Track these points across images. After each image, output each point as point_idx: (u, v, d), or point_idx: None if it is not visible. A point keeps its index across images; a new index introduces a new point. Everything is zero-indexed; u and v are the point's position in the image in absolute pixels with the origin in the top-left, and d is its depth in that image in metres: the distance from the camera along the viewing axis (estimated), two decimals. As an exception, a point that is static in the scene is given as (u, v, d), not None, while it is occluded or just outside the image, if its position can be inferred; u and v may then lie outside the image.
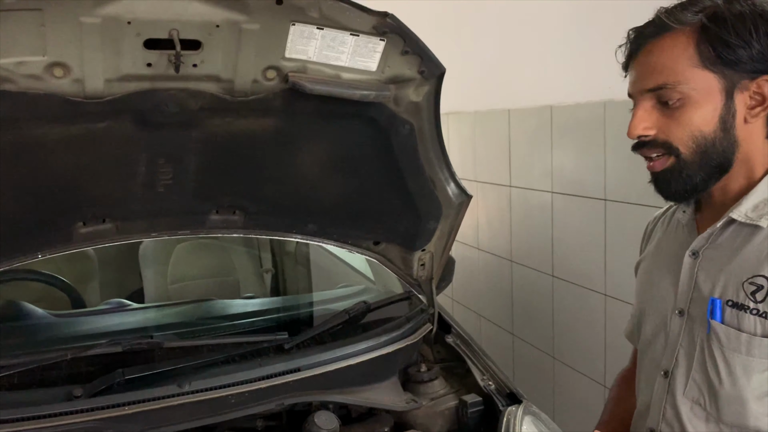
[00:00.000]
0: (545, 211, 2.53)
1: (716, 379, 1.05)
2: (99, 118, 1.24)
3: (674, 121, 1.01)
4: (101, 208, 1.44)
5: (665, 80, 1.00)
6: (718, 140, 1.01)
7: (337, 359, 1.56)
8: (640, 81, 1.04)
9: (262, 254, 2.81)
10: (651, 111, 1.03)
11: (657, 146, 1.04)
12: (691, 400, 1.10)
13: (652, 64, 1.02)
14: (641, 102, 1.04)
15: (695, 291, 1.09)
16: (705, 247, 1.09)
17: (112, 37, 1.12)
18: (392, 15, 1.23)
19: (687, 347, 1.11)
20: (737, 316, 1.02)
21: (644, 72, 1.04)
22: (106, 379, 1.37)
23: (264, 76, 1.27)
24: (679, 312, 1.12)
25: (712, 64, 0.99)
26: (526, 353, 2.79)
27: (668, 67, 1.00)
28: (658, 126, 1.03)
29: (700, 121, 1.00)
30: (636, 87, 1.06)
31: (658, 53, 1.02)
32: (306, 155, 1.51)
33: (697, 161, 1.02)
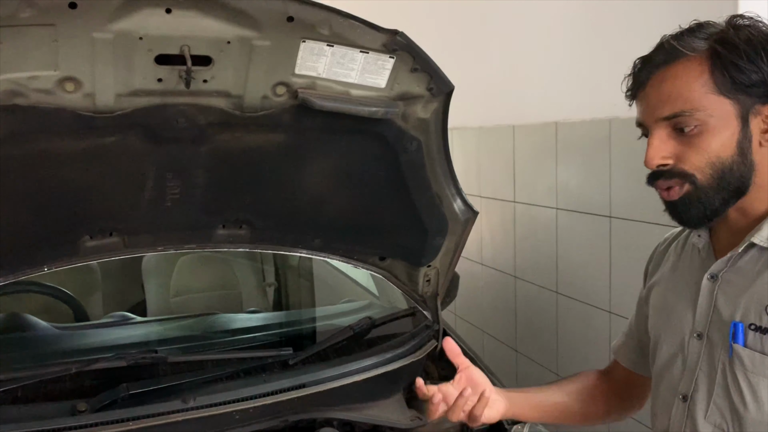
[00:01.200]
0: (549, 227, 2.53)
1: (740, 404, 1.04)
2: (109, 132, 1.24)
3: (692, 148, 1.01)
4: (108, 222, 1.44)
5: (682, 108, 1.00)
6: (735, 165, 1.01)
7: (341, 376, 1.56)
8: (655, 109, 1.03)
9: (265, 268, 2.81)
10: (667, 140, 1.02)
11: (674, 176, 1.03)
12: (713, 425, 1.08)
13: (667, 91, 1.01)
14: (656, 131, 1.03)
15: (714, 314, 1.09)
16: (724, 271, 1.08)
17: (124, 53, 1.12)
18: (402, 33, 1.24)
19: (707, 371, 1.10)
20: (761, 340, 1.01)
21: (658, 100, 1.03)
22: (110, 394, 1.37)
23: (274, 92, 1.27)
24: (698, 335, 1.11)
25: (727, 91, 0.99)
26: (529, 369, 2.78)
27: (683, 94, 1.00)
28: (675, 154, 1.02)
29: (719, 147, 1.00)
30: (650, 116, 1.04)
31: (672, 81, 1.01)
32: (314, 171, 1.51)
33: (714, 186, 1.02)
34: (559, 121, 2.42)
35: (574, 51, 2.31)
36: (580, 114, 2.30)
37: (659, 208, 1.96)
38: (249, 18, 1.14)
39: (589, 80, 2.25)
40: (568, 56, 2.35)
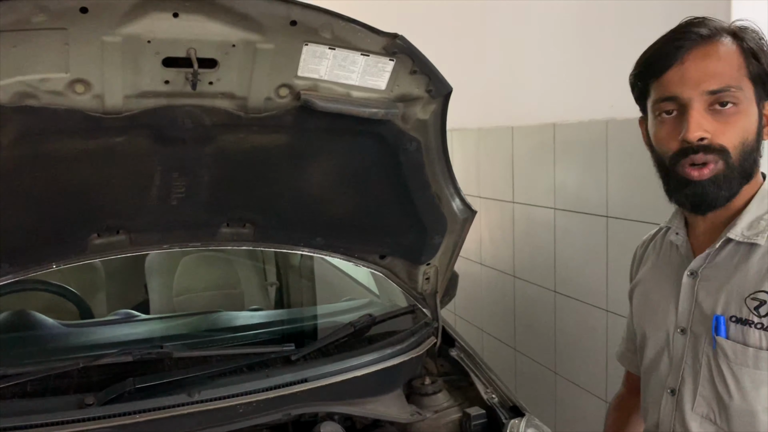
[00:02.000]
0: (548, 227, 2.56)
1: (725, 394, 1.07)
2: (117, 132, 1.28)
3: (729, 125, 1.02)
4: (115, 220, 1.47)
5: (728, 83, 1.01)
6: (754, 149, 1.05)
7: (342, 371, 1.58)
8: (699, 83, 1.03)
9: (267, 267, 2.84)
10: (704, 114, 1.03)
11: (712, 151, 1.03)
12: (701, 416, 1.12)
13: (712, 67, 1.02)
14: (696, 104, 1.03)
15: (696, 309, 1.12)
16: (703, 267, 1.12)
17: (132, 56, 1.16)
18: (401, 36, 1.28)
19: (692, 364, 1.13)
20: (742, 331, 1.04)
21: (704, 73, 1.02)
22: (117, 388, 1.39)
23: (277, 94, 1.31)
24: (681, 330, 1.15)
25: (753, 78, 1.03)
26: (528, 368, 2.81)
27: (727, 72, 1.02)
28: (713, 130, 1.03)
29: (748, 127, 1.04)
30: (692, 88, 1.03)
31: (716, 57, 1.03)
32: (316, 170, 1.54)
33: (739, 167, 1.04)
34: (557, 122, 2.45)
35: (572, 53, 2.35)
36: (577, 115, 2.33)
37: (655, 208, 2.00)
38: (253, 22, 1.18)
39: (586, 82, 2.29)
40: (566, 58, 2.38)
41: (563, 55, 2.39)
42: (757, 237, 1.05)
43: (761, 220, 1.06)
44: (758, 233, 1.05)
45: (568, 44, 2.36)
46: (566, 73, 2.39)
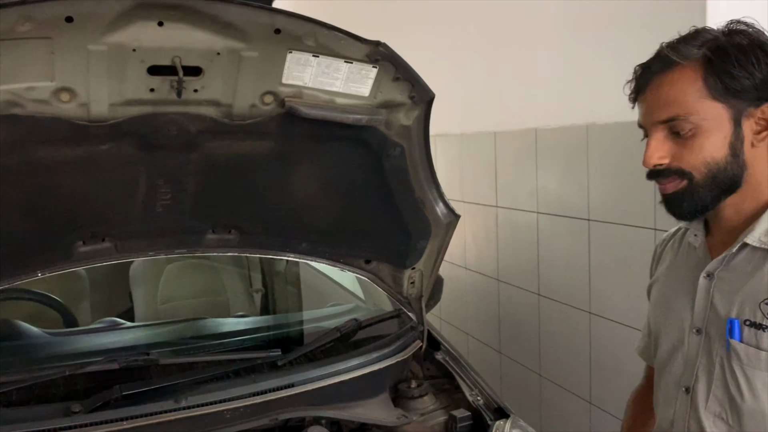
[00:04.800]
0: (531, 230, 2.59)
1: (738, 395, 1.09)
2: (102, 140, 1.28)
3: (687, 149, 1.06)
4: (101, 228, 1.47)
5: (677, 112, 1.05)
6: (729, 165, 1.07)
7: (329, 375, 1.60)
8: (652, 113, 1.09)
9: (252, 274, 2.84)
10: (664, 141, 1.08)
11: (671, 174, 1.09)
12: (713, 414, 1.14)
13: (663, 97, 1.07)
14: (654, 133, 1.09)
15: (711, 311, 1.14)
16: (719, 269, 1.13)
17: (118, 64, 1.17)
18: (384, 44, 1.30)
19: (706, 364, 1.15)
20: (756, 335, 1.06)
21: (655, 105, 1.08)
22: (104, 395, 1.39)
23: (262, 101, 1.32)
24: (696, 330, 1.16)
25: (719, 95, 1.04)
26: (513, 371, 2.84)
27: (678, 99, 1.06)
28: (671, 154, 1.08)
29: (712, 148, 1.06)
30: (648, 119, 1.10)
31: (668, 87, 1.07)
32: (301, 176, 1.56)
33: (708, 184, 1.07)
34: (539, 127, 2.48)
35: (552, 59, 2.38)
36: (558, 120, 2.37)
37: (635, 211, 2.04)
38: (238, 30, 1.19)
39: (567, 88, 2.32)
40: (547, 64, 2.41)
41: (544, 61, 2.43)
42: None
43: None
44: None
45: (549, 50, 2.40)
46: (547, 79, 2.42)
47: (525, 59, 2.54)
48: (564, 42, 2.31)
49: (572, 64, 2.28)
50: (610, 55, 2.11)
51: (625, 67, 2.02)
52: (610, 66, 2.11)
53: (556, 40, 2.35)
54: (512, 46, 2.61)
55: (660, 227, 1.95)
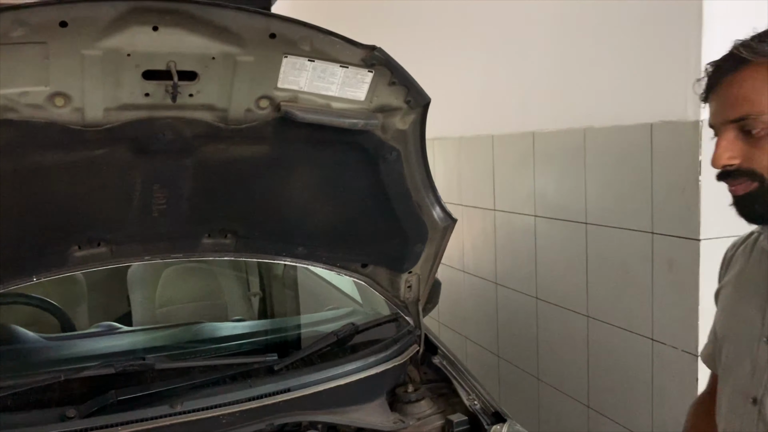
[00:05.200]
0: (528, 234, 2.59)
1: None
2: (97, 145, 1.28)
3: (759, 150, 1.02)
4: (96, 232, 1.47)
5: (748, 111, 1.02)
6: None
7: (325, 380, 1.60)
8: (723, 112, 1.06)
9: (250, 278, 2.83)
10: (734, 141, 1.04)
11: (741, 174, 1.05)
12: None
13: (734, 95, 1.04)
14: (724, 132, 1.05)
15: None
16: None
17: (112, 69, 1.17)
18: (380, 48, 1.30)
19: None
20: None
21: (726, 103, 1.05)
22: (99, 400, 1.39)
23: (257, 105, 1.32)
24: (767, 340, 1.12)
25: None
26: (511, 374, 2.83)
27: (750, 98, 1.02)
28: (742, 155, 1.04)
29: None
30: (718, 118, 1.07)
31: (740, 85, 1.03)
32: (297, 181, 1.55)
33: None
34: (536, 130, 2.48)
35: (550, 63, 2.38)
36: (556, 124, 2.37)
37: (632, 214, 2.04)
38: (233, 35, 1.19)
39: (564, 92, 2.32)
40: (544, 68, 2.42)
41: (541, 64, 2.43)
42: None
43: None
44: None
45: (546, 53, 2.40)
46: (544, 82, 2.42)
47: (522, 62, 2.54)
48: (561, 45, 2.31)
49: (569, 67, 2.28)
50: (607, 59, 2.11)
51: (622, 70, 2.04)
52: (607, 69, 2.12)
53: (553, 43, 2.35)
54: (509, 50, 2.61)
55: (658, 231, 1.95)
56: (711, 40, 1.77)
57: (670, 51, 1.88)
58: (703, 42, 1.77)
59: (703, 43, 1.77)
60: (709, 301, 1.82)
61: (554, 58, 2.36)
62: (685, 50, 1.82)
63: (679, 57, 1.84)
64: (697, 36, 1.78)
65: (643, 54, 1.96)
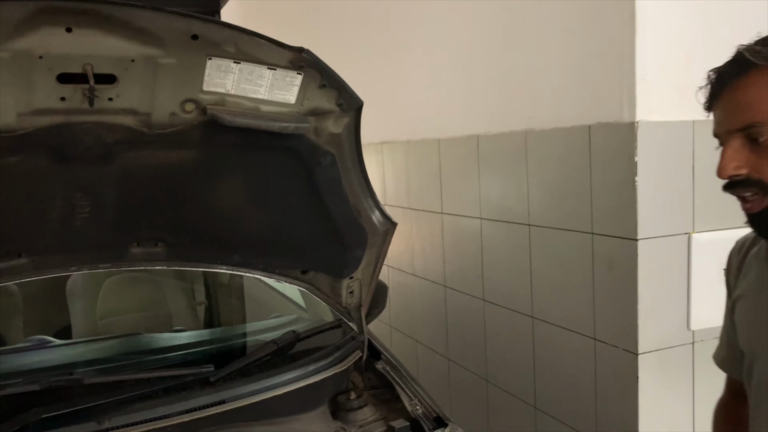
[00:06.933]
0: (475, 236, 2.60)
1: None
2: (11, 152, 1.22)
3: (765, 158, 0.98)
4: (16, 243, 1.41)
5: (754, 119, 0.97)
6: None
7: (263, 390, 1.56)
8: (728, 120, 1.01)
9: (195, 287, 2.77)
10: (740, 150, 0.99)
11: (750, 185, 1.00)
12: None
13: (739, 102, 0.99)
14: (730, 141, 1.00)
15: None
16: None
17: (24, 72, 1.11)
18: (308, 50, 1.27)
19: None
20: None
21: (731, 111, 1.00)
22: (20, 419, 1.33)
23: (182, 109, 1.28)
24: None
25: None
26: (460, 377, 2.83)
27: (756, 104, 0.97)
28: (749, 164, 0.99)
29: None
30: (723, 127, 1.02)
31: (744, 92, 0.99)
32: (228, 186, 1.52)
33: None
34: (480, 134, 2.49)
35: (492, 66, 2.39)
36: (498, 127, 2.38)
37: (572, 215, 2.05)
38: (152, 36, 1.15)
39: (505, 94, 2.34)
40: (487, 71, 2.43)
41: (484, 68, 2.44)
42: None
43: None
44: None
45: (488, 57, 2.41)
46: (487, 86, 2.43)
47: (466, 66, 2.55)
48: (502, 49, 2.32)
49: (510, 70, 2.30)
50: (546, 62, 2.12)
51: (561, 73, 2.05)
52: (546, 72, 2.13)
53: (495, 47, 2.37)
54: (453, 53, 2.62)
55: (597, 231, 1.97)
56: (644, 41, 1.80)
57: (606, 53, 1.90)
58: (637, 43, 1.80)
59: (636, 44, 1.80)
60: (648, 300, 1.86)
61: (496, 62, 2.37)
62: (619, 52, 1.85)
63: (613, 59, 1.87)
64: (631, 38, 1.81)
65: (580, 57, 1.98)
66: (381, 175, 3.33)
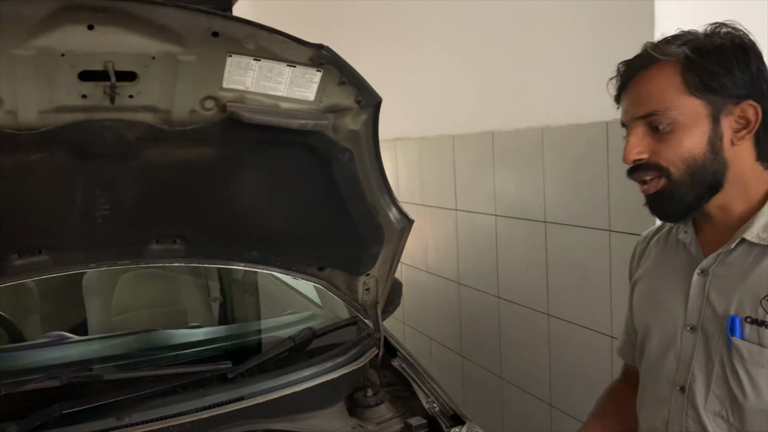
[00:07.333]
0: (489, 233, 2.59)
1: (740, 393, 1.08)
2: (33, 149, 1.23)
3: (665, 144, 1.07)
4: (37, 240, 1.42)
5: (655, 107, 1.07)
6: (708, 162, 1.07)
7: (281, 387, 1.56)
8: (632, 109, 1.10)
9: (210, 283, 2.78)
10: (643, 137, 1.09)
11: (650, 168, 1.09)
12: (713, 413, 1.12)
13: (643, 93, 1.09)
14: (633, 129, 1.10)
15: (707, 308, 1.13)
16: (714, 266, 1.13)
17: (46, 69, 1.12)
18: (327, 47, 1.27)
19: (704, 362, 1.13)
20: (758, 332, 1.05)
21: (635, 101, 1.10)
22: (41, 415, 1.34)
23: (202, 106, 1.28)
24: (690, 328, 1.15)
25: (698, 91, 1.05)
26: (475, 374, 2.83)
27: (657, 95, 1.07)
28: (650, 150, 1.08)
29: (690, 144, 1.06)
30: (628, 115, 1.11)
31: (647, 83, 1.09)
32: (247, 183, 1.52)
33: (687, 182, 1.08)
34: (496, 130, 2.48)
35: (508, 62, 2.38)
36: (514, 123, 2.37)
37: (590, 213, 2.04)
38: (173, 33, 1.15)
39: (522, 91, 2.32)
40: (503, 67, 2.41)
41: (500, 64, 2.43)
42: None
43: None
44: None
45: (504, 53, 2.40)
46: (503, 82, 2.42)
47: (481, 62, 2.54)
48: (519, 45, 2.31)
49: (527, 66, 2.28)
50: (564, 58, 2.11)
51: (578, 70, 2.04)
52: (564, 68, 2.12)
53: (511, 43, 2.35)
54: (469, 50, 2.61)
55: (615, 228, 1.96)
56: (662, 38, 1.78)
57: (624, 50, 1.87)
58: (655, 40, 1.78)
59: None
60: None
61: (512, 58, 2.35)
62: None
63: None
64: (650, 35, 1.79)
65: (598, 53, 1.97)
66: (394, 172, 3.32)
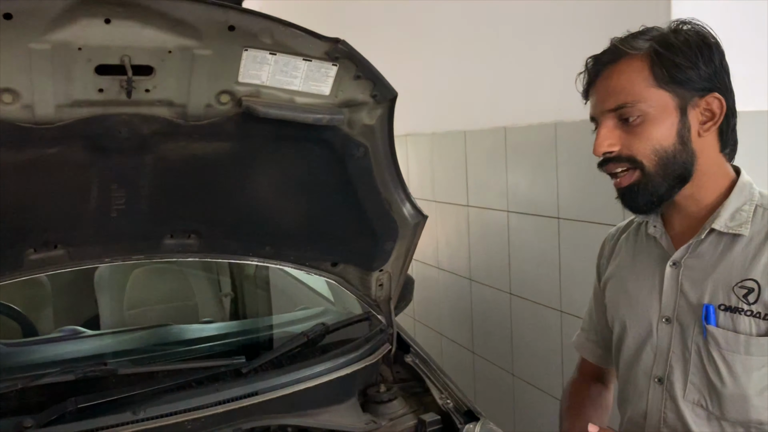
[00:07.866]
0: (501, 229, 2.58)
1: (718, 380, 1.11)
2: (50, 143, 1.23)
3: (636, 136, 1.09)
4: (52, 234, 1.42)
5: (624, 100, 1.09)
6: (677, 153, 1.10)
7: (295, 382, 1.56)
8: (602, 103, 1.13)
9: (221, 278, 2.79)
10: (613, 129, 1.11)
11: (622, 161, 1.12)
12: (692, 402, 1.15)
13: (612, 86, 1.11)
14: (604, 122, 1.12)
15: (681, 299, 1.15)
16: (686, 257, 1.15)
17: (63, 63, 1.12)
18: (344, 41, 1.26)
19: (680, 352, 1.16)
20: (732, 318, 1.08)
21: (605, 94, 1.12)
22: (57, 409, 1.34)
23: (218, 101, 1.28)
24: (666, 320, 1.18)
25: (665, 84, 1.08)
26: (486, 371, 2.82)
27: (626, 88, 1.09)
28: (621, 142, 1.11)
29: (660, 135, 1.09)
30: (598, 109, 1.14)
31: (617, 76, 1.11)
32: (262, 178, 1.51)
33: (660, 173, 1.10)
34: (508, 125, 2.47)
35: (520, 57, 2.37)
36: (527, 119, 2.35)
37: (603, 208, 2.03)
38: (190, 27, 1.15)
39: (535, 86, 2.31)
40: (516, 64, 2.40)
41: (513, 60, 2.41)
42: (741, 228, 1.10)
43: (741, 211, 1.12)
44: (741, 224, 1.11)
45: (516, 48, 2.38)
46: (515, 77, 2.41)
47: (493, 58, 2.52)
48: (531, 41, 2.30)
49: (539, 62, 2.27)
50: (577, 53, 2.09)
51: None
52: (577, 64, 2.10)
53: (523, 38, 2.34)
54: (480, 45, 2.59)
55: (629, 225, 1.95)
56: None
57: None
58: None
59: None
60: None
61: (525, 53, 2.34)
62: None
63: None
64: (666, 29, 1.77)
65: (613, 47, 1.95)
66: (405, 168, 3.30)
